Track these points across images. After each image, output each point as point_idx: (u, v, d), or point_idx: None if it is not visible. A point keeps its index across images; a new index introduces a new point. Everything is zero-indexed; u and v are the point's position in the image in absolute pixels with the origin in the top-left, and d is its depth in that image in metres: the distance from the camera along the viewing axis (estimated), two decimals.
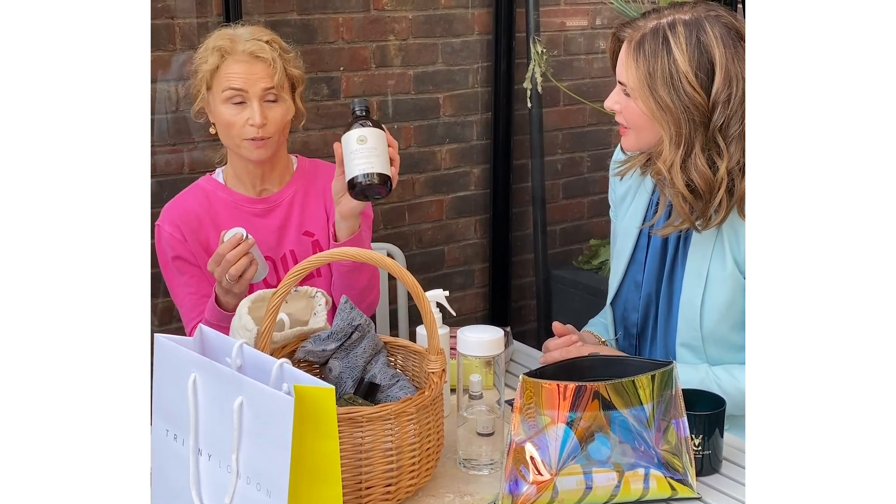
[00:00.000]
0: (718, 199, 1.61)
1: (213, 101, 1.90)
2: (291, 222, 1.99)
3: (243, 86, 1.85)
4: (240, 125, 1.86)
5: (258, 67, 1.86)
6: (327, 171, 2.04)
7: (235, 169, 1.98)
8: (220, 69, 1.87)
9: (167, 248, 1.94)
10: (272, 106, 1.88)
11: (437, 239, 3.31)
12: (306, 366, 1.57)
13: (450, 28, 3.16)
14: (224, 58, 1.87)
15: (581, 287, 3.35)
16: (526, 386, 1.36)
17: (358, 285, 1.91)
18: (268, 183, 1.99)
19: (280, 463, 1.16)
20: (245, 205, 1.98)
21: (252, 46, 1.86)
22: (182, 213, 1.95)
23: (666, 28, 1.59)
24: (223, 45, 1.87)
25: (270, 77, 1.86)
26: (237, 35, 1.89)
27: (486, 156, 3.34)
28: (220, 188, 1.99)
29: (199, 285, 1.95)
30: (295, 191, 2.01)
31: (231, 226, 1.92)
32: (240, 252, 1.77)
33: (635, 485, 1.40)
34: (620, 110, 1.67)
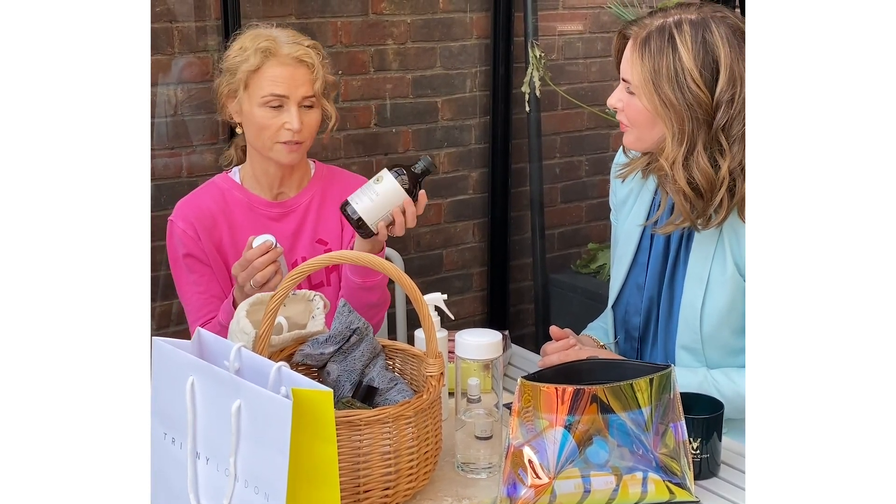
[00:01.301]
0: (719, 198, 1.62)
1: (247, 101, 1.87)
2: (305, 228, 1.98)
3: (285, 91, 1.83)
4: (275, 128, 1.85)
5: (301, 72, 1.85)
6: (344, 179, 2.04)
7: (255, 170, 1.96)
8: (261, 70, 1.84)
9: (179, 245, 1.92)
10: (308, 112, 1.87)
11: (435, 242, 3.31)
12: (304, 369, 1.57)
13: (448, 32, 3.16)
14: (267, 58, 1.84)
15: (579, 291, 3.35)
16: (524, 389, 1.36)
17: (366, 303, 1.88)
18: (285, 186, 1.98)
19: (278, 466, 1.16)
20: (261, 207, 1.96)
21: (297, 51, 1.85)
22: (197, 211, 1.93)
23: (672, 26, 1.60)
24: (267, 46, 1.84)
25: (311, 83, 1.85)
26: (276, 36, 1.87)
27: (485, 160, 3.34)
28: (236, 188, 1.97)
29: (208, 284, 1.93)
30: (311, 196, 1.99)
31: (245, 227, 1.92)
32: (268, 259, 1.76)
33: (633, 488, 1.40)
34: (623, 108, 1.68)
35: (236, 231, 1.95)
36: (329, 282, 2.00)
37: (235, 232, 1.95)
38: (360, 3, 2.96)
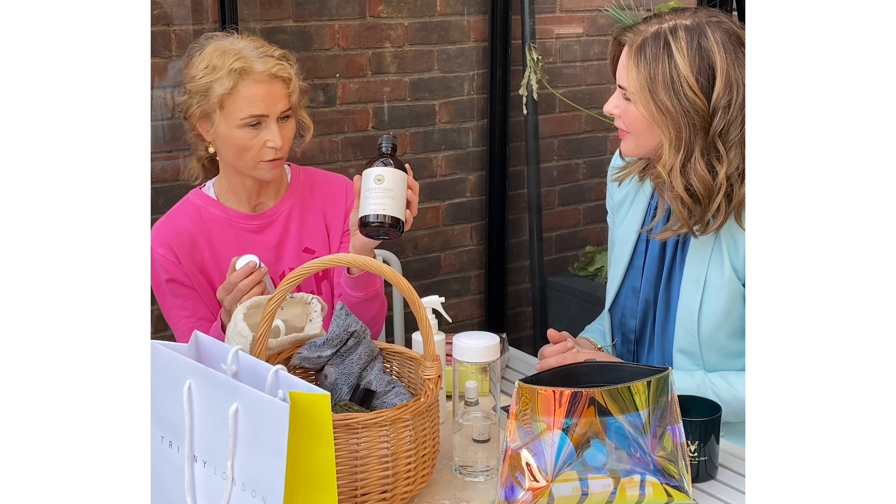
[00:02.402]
0: (717, 204, 1.61)
1: (224, 123, 1.79)
2: (289, 238, 1.93)
3: (265, 110, 1.77)
4: (257, 148, 1.79)
5: (277, 87, 1.79)
6: (323, 181, 2.00)
7: (231, 184, 1.90)
8: (236, 91, 1.76)
9: (160, 271, 1.86)
10: (285, 123, 1.82)
11: (433, 245, 3.31)
12: (302, 372, 1.57)
13: (446, 35, 3.16)
14: (242, 78, 1.76)
15: (577, 294, 3.35)
16: (522, 392, 1.36)
17: (365, 316, 1.83)
18: (263, 196, 1.93)
19: (275, 470, 1.16)
20: (239, 221, 1.90)
21: (271, 66, 1.77)
22: (174, 234, 1.86)
23: (667, 32, 1.60)
24: (240, 66, 1.76)
25: (288, 97, 1.80)
26: (243, 51, 1.78)
27: (482, 163, 3.34)
28: (211, 203, 1.91)
29: (195, 308, 1.88)
30: (292, 204, 1.94)
31: (226, 243, 1.87)
32: (253, 281, 1.71)
33: (631, 491, 1.40)
34: (620, 114, 1.67)
35: (217, 249, 1.89)
36: (319, 290, 1.95)
37: (216, 250, 1.89)
38: (357, 5, 2.96)
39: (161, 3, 2.64)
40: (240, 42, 1.82)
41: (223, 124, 1.80)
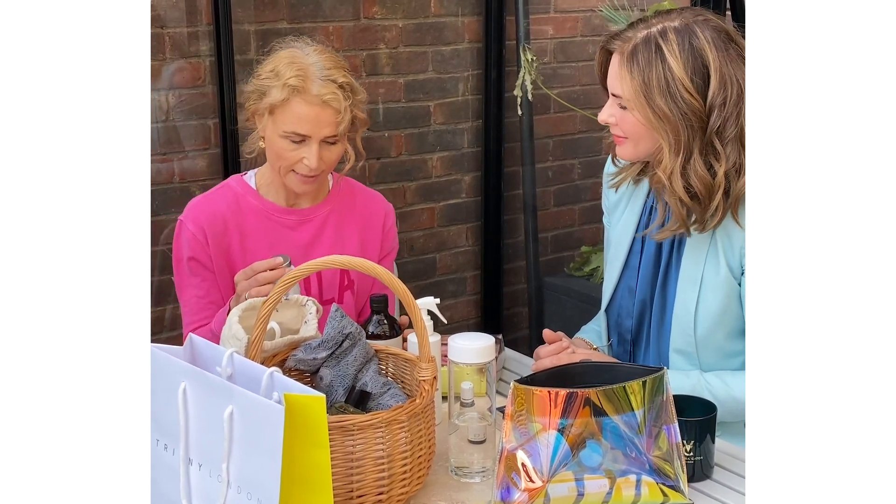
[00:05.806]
0: (716, 202, 1.61)
1: (271, 127, 1.84)
2: (322, 241, 1.96)
3: (308, 132, 1.80)
4: (293, 161, 1.83)
5: (326, 114, 1.80)
6: (364, 197, 2.03)
7: (273, 178, 1.94)
8: (287, 105, 1.80)
9: (185, 247, 1.90)
10: (330, 147, 1.84)
11: (428, 247, 3.31)
12: (297, 374, 1.57)
13: (440, 36, 3.16)
14: (295, 95, 1.79)
15: (573, 294, 3.35)
16: (517, 393, 1.36)
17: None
18: (301, 197, 1.96)
19: (271, 472, 1.16)
20: (275, 214, 1.94)
21: (325, 92, 1.78)
22: (209, 215, 1.90)
23: (657, 36, 1.59)
24: (296, 84, 1.78)
25: (336, 125, 1.81)
26: (309, 68, 1.81)
27: (478, 163, 3.34)
28: (250, 193, 1.95)
29: (208, 290, 1.91)
30: (330, 210, 1.97)
31: (258, 234, 1.90)
32: (273, 276, 1.73)
33: (627, 491, 1.40)
34: (616, 122, 1.66)
35: (247, 238, 1.92)
36: (341, 300, 1.97)
37: (246, 238, 1.92)
38: (351, 7, 2.96)
39: (155, 6, 2.64)
40: (313, 57, 1.84)
41: (270, 128, 1.84)
